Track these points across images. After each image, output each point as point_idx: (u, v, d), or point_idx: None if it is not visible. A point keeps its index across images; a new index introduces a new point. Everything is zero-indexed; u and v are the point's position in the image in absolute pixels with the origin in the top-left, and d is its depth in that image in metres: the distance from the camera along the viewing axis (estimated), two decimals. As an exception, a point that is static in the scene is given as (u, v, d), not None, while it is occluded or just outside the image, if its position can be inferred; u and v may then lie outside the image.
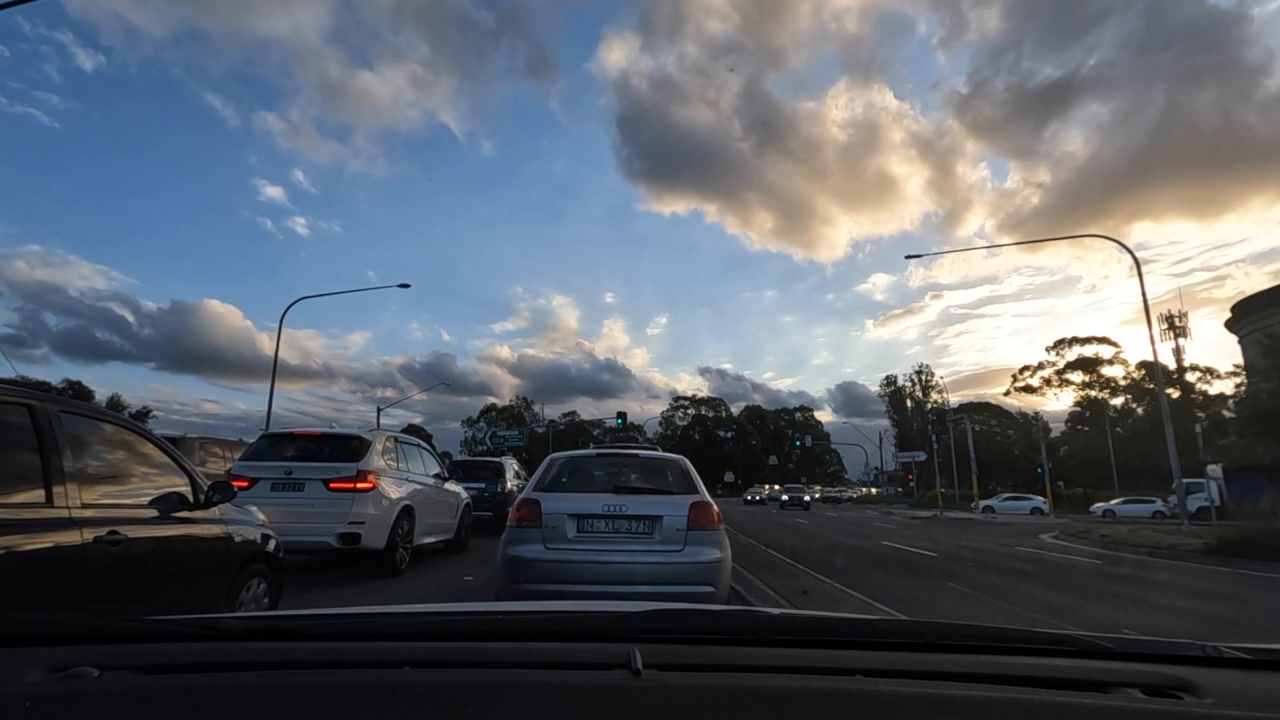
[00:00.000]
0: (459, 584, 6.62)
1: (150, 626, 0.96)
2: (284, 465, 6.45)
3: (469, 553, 8.95)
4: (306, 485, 6.30)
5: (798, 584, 6.99)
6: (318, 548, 6.16)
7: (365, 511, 6.25)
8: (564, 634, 1.01)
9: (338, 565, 7.12)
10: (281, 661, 0.85)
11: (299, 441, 6.81)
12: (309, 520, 6.10)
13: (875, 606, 5.96)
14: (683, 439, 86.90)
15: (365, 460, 6.48)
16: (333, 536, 6.08)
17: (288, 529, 5.92)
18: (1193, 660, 0.95)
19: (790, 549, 11.15)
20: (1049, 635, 1.01)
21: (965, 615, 5.81)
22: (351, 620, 1.08)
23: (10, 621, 0.92)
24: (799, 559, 9.56)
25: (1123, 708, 0.78)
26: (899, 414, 72.83)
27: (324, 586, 6.12)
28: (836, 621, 1.14)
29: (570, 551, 4.01)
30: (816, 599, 6.16)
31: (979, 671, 0.86)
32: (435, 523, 7.91)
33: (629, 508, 4.12)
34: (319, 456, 6.54)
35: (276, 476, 6.34)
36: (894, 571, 8.83)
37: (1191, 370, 45.71)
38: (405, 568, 6.88)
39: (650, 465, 4.84)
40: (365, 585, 6.19)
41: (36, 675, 0.78)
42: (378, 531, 6.36)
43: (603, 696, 0.74)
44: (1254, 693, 0.85)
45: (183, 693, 0.75)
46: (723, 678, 0.82)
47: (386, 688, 0.74)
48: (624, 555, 4.00)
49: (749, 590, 6.18)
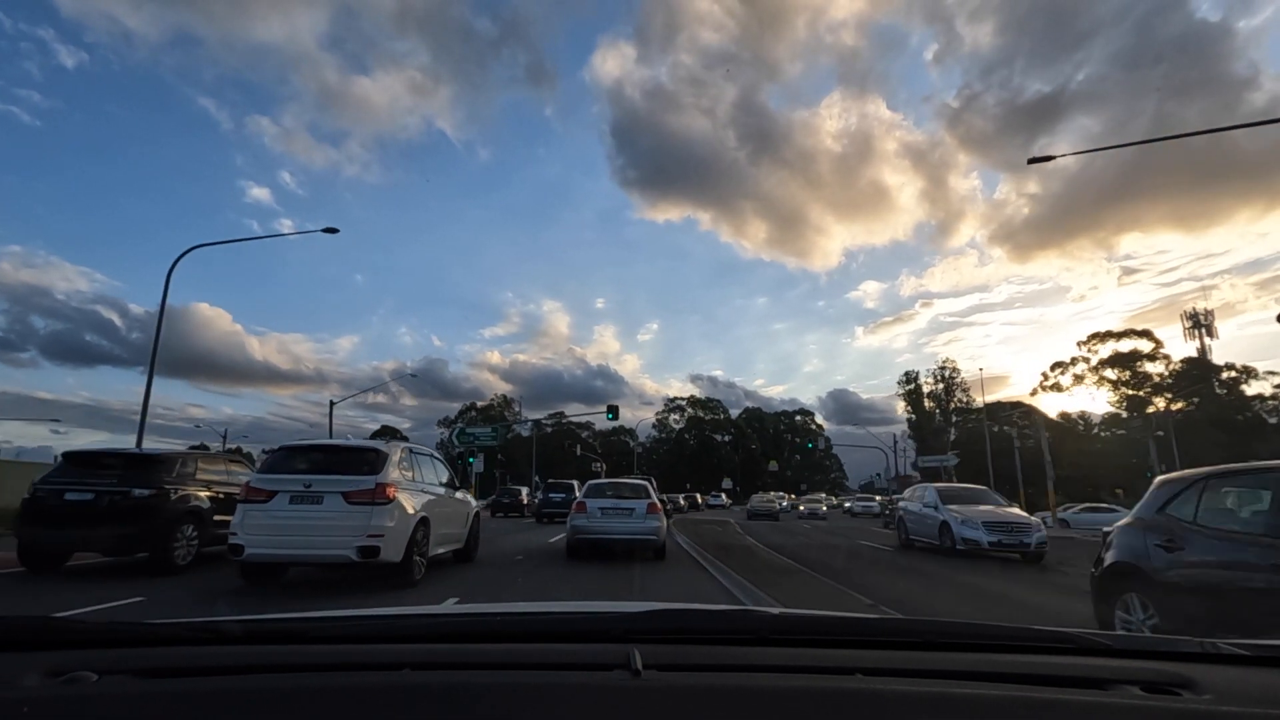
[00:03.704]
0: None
1: (149, 630, 1.02)
2: (302, 478, 7.13)
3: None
4: (325, 498, 6.98)
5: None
6: (337, 561, 6.88)
7: (384, 524, 6.96)
8: (563, 635, 1.09)
9: (351, 576, 7.81)
10: (281, 664, 0.91)
11: (316, 453, 7.53)
12: (328, 533, 6.84)
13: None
14: (677, 443, 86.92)
15: (383, 472, 7.21)
16: (352, 550, 6.77)
17: (306, 542, 6.82)
18: (1191, 657, 1.02)
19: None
20: (1048, 633, 1.09)
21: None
22: (351, 623, 1.17)
23: (8, 625, 0.97)
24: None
25: (1122, 705, 0.84)
26: (917, 414, 72.98)
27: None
28: (836, 620, 1.23)
29: (597, 522, 10.80)
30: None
31: (979, 669, 0.93)
32: (447, 533, 8.66)
33: (621, 504, 11.05)
34: (337, 469, 7.21)
35: (295, 489, 7.02)
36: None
37: (1227, 369, 45.97)
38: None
39: (632, 484, 12.19)
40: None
41: (35, 680, 0.84)
42: (396, 544, 7.09)
43: (603, 697, 0.80)
44: (1252, 689, 0.91)
45: (182, 696, 0.81)
46: (723, 677, 0.88)
47: (386, 690, 0.81)
48: (619, 523, 10.78)
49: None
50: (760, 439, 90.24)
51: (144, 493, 8.28)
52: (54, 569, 8.43)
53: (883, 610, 6.30)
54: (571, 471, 69.06)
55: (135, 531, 8.15)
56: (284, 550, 6.99)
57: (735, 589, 7.81)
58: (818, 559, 12.10)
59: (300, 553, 7.01)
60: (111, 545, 8.22)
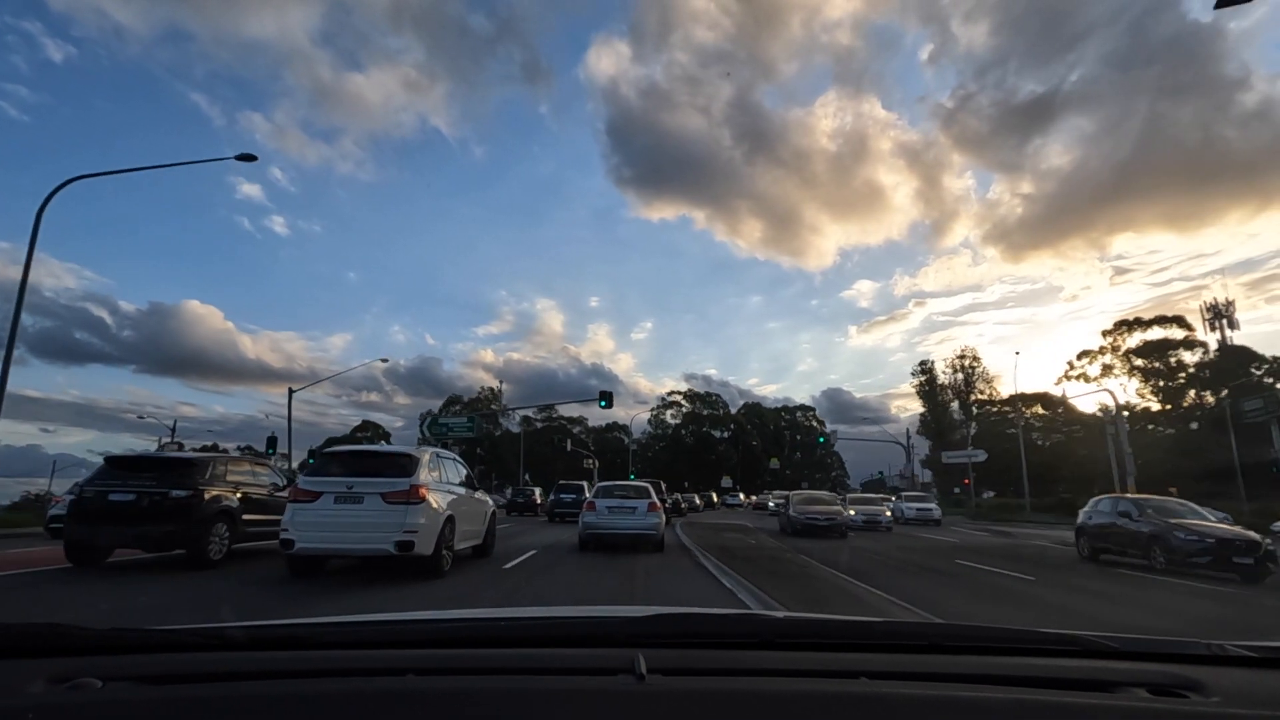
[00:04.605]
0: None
1: (153, 636, 1.08)
2: (345, 480, 8.57)
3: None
4: (366, 498, 8.42)
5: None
6: (376, 554, 8.41)
7: (417, 521, 8.42)
8: (567, 639, 1.14)
9: (385, 568, 9.22)
10: (285, 670, 0.98)
11: (356, 458, 9.06)
12: (368, 529, 8.31)
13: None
14: (673, 440, 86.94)
15: (416, 475, 8.69)
16: (390, 544, 8.25)
17: (350, 538, 8.36)
18: (1199, 659, 1.07)
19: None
20: (1054, 635, 1.14)
21: None
22: (354, 628, 1.23)
23: (12, 632, 1.03)
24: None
25: (1128, 708, 0.89)
26: (931, 407, 69.72)
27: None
28: (841, 624, 1.28)
29: (605, 518, 13.72)
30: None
31: (984, 673, 0.99)
32: (469, 529, 10.23)
33: (626, 503, 13.96)
34: (375, 472, 8.68)
35: (339, 490, 8.48)
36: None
37: (1272, 360, 44.66)
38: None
39: (636, 486, 15.17)
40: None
41: (39, 686, 0.89)
42: (428, 539, 8.58)
43: (607, 702, 0.86)
44: (1260, 691, 0.97)
45: (186, 703, 0.87)
46: (727, 682, 0.95)
47: (390, 695, 0.86)
48: (623, 520, 13.66)
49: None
50: (761, 435, 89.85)
51: (181, 493, 9.58)
52: (97, 564, 9.72)
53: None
54: (562, 469, 68.99)
55: (174, 529, 9.44)
56: (329, 544, 8.37)
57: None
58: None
59: (344, 546, 8.44)
60: (152, 542, 9.57)
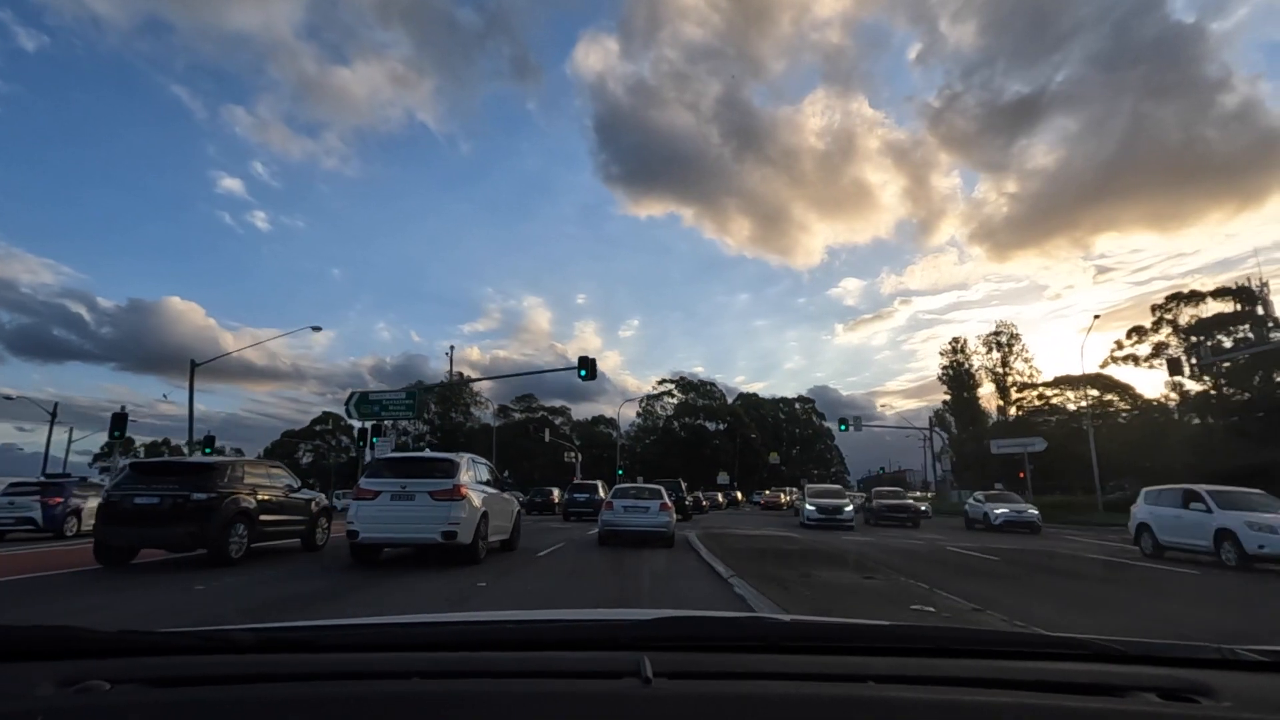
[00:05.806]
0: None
1: (161, 639, 1.16)
2: (399, 481, 10.93)
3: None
4: (416, 496, 10.76)
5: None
6: (426, 543, 10.53)
7: (460, 515, 10.75)
8: (573, 643, 1.22)
9: (432, 558, 11.16)
10: (291, 673, 1.05)
11: (408, 463, 11.53)
12: (419, 522, 10.61)
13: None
14: (665, 433, 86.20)
15: (457, 476, 11.03)
16: (438, 534, 10.60)
17: (404, 529, 10.58)
18: (1209, 663, 1.14)
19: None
20: (1062, 640, 1.22)
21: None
22: (360, 631, 1.34)
23: (20, 635, 1.11)
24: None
25: (1138, 712, 0.93)
26: (958, 393, 64.65)
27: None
28: (847, 628, 1.36)
29: (621, 516, 16.41)
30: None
31: (992, 677, 1.04)
32: (499, 525, 12.26)
33: (640, 503, 16.71)
34: (424, 474, 11.06)
35: (394, 490, 10.87)
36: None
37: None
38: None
39: (650, 488, 18.18)
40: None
41: (48, 689, 0.95)
42: (468, 531, 10.92)
43: (613, 705, 0.91)
44: (1272, 695, 1.01)
45: (194, 705, 0.92)
46: (733, 685, 1.00)
47: (395, 698, 0.91)
48: (637, 518, 16.32)
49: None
50: (760, 428, 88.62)
51: (202, 496, 10.77)
52: (124, 564, 10.56)
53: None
54: (542, 464, 68.49)
55: (196, 530, 10.62)
56: (387, 535, 10.89)
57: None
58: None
59: (399, 536, 10.94)
60: (176, 543, 10.85)
